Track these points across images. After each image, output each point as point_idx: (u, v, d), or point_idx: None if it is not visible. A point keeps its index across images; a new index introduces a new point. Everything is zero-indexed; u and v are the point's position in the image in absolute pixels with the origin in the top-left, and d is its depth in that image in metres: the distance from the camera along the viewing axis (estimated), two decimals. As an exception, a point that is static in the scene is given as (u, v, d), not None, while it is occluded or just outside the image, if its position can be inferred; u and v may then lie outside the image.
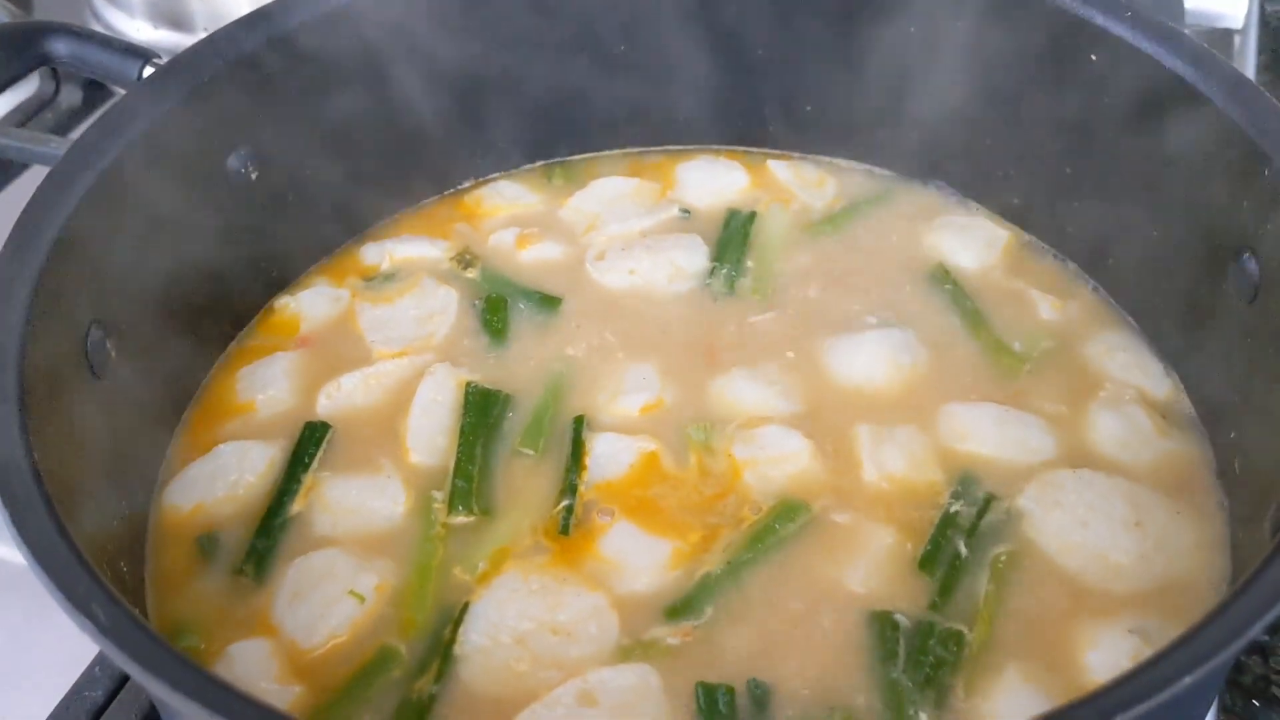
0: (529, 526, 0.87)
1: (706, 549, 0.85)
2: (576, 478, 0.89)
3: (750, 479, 0.89)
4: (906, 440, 0.90)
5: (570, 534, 0.86)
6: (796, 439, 0.90)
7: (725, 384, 0.96)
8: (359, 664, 0.80)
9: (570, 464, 0.90)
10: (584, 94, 1.14)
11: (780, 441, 0.91)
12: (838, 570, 0.83)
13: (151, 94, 0.91)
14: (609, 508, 0.87)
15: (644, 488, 0.89)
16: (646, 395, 0.95)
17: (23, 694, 0.96)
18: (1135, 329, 1.00)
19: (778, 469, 0.89)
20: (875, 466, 0.89)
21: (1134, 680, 0.56)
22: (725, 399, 0.95)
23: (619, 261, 1.06)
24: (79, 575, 0.60)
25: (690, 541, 0.85)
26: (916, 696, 0.76)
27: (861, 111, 1.12)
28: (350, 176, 1.08)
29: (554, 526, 0.86)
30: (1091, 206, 1.02)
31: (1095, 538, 0.84)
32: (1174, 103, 0.90)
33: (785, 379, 0.96)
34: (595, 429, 0.93)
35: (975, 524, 0.85)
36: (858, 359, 0.97)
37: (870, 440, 0.90)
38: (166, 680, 0.54)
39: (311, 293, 1.06)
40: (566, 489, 0.88)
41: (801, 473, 0.89)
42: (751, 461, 0.89)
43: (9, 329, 0.72)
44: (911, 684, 0.77)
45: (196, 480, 0.91)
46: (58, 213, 0.81)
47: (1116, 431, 0.91)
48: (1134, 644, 0.77)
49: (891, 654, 0.78)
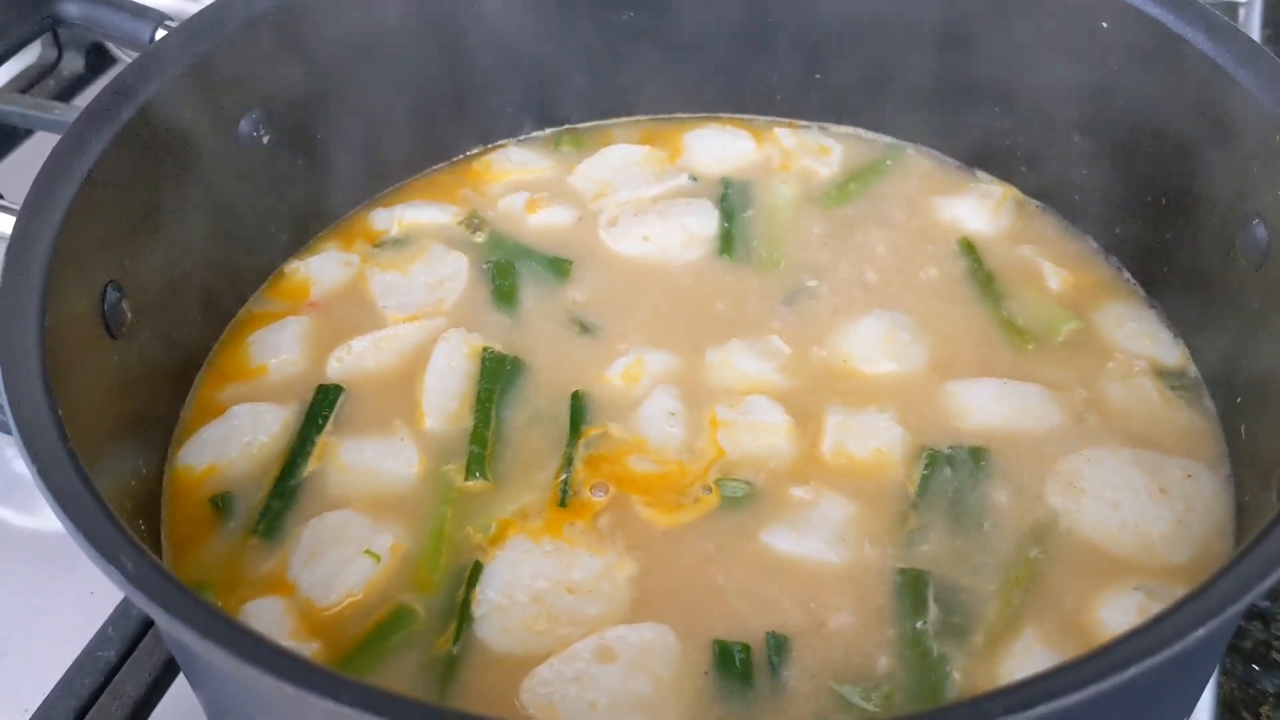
0: (532, 496, 0.87)
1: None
2: (574, 451, 0.89)
3: (723, 439, 0.89)
4: (876, 424, 0.90)
5: (567, 506, 0.86)
6: (779, 413, 0.91)
7: (724, 354, 0.96)
8: (375, 622, 0.80)
9: (569, 437, 0.90)
10: (592, 61, 1.14)
11: (763, 412, 0.91)
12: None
13: (164, 56, 0.91)
14: (602, 483, 0.88)
15: (636, 458, 0.89)
16: (651, 363, 0.96)
17: (35, 656, 0.98)
18: (1143, 297, 1.01)
19: (752, 437, 0.89)
20: (833, 446, 0.89)
21: (1145, 634, 0.57)
22: (724, 369, 0.95)
23: (632, 228, 1.06)
24: (105, 526, 0.60)
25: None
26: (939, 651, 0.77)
27: (868, 79, 1.12)
28: (359, 142, 1.08)
29: (555, 498, 0.87)
30: (1100, 174, 1.02)
31: (1131, 515, 0.84)
32: (1184, 69, 0.90)
33: (783, 354, 0.96)
34: (596, 398, 0.93)
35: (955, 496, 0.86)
36: (858, 339, 0.96)
37: (837, 422, 0.90)
38: (195, 627, 0.54)
39: (321, 258, 1.06)
40: (564, 463, 0.89)
41: (773, 445, 0.89)
42: (731, 424, 0.90)
43: (30, 287, 0.73)
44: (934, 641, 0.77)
45: (210, 441, 0.91)
46: (73, 174, 0.81)
47: (1126, 401, 0.91)
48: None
49: (918, 609, 0.79)
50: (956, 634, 0.78)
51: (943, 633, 0.78)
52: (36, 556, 1.06)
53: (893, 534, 0.84)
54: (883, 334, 0.96)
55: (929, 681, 0.76)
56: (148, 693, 0.90)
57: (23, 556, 1.06)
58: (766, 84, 1.17)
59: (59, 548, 1.02)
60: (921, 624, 0.78)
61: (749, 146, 1.16)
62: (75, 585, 1.03)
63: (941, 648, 0.78)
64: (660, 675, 0.76)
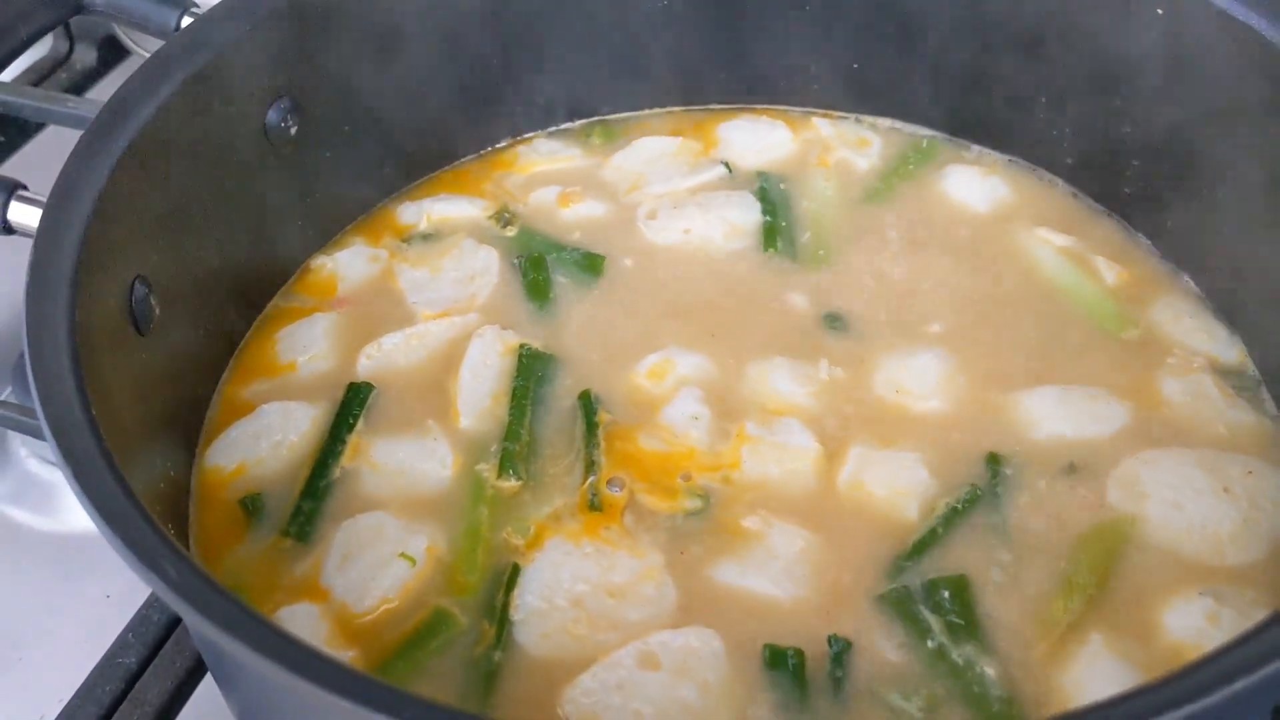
0: (565, 499, 0.85)
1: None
2: (594, 453, 0.87)
3: (746, 453, 0.87)
4: (900, 463, 0.86)
5: (600, 509, 0.84)
6: (809, 438, 0.87)
7: (766, 369, 0.93)
8: (413, 627, 0.78)
9: (586, 439, 0.88)
10: (624, 52, 1.13)
11: (794, 435, 0.88)
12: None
13: (191, 43, 0.89)
14: (617, 477, 0.86)
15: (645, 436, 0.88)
16: (681, 364, 0.93)
17: (52, 660, 0.97)
18: (1197, 293, 0.99)
19: (777, 458, 0.86)
20: (850, 484, 0.85)
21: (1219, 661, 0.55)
22: (761, 383, 0.92)
23: (672, 220, 1.05)
24: (144, 531, 0.58)
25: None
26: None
27: (908, 71, 1.10)
28: (387, 134, 1.07)
29: (585, 500, 0.85)
30: (1151, 168, 1.00)
31: (1197, 515, 0.82)
32: (1236, 57, 0.89)
33: (827, 379, 0.92)
34: (620, 395, 0.91)
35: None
36: (910, 371, 0.93)
37: (858, 461, 0.86)
38: (241, 637, 0.52)
39: (349, 252, 1.05)
40: (586, 466, 0.87)
41: (797, 470, 0.86)
42: (757, 440, 0.87)
43: (59, 282, 0.71)
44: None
45: (240, 440, 0.90)
46: (100, 166, 0.79)
47: (1188, 401, 0.89)
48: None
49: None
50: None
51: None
52: (51, 559, 1.06)
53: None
54: (939, 369, 0.93)
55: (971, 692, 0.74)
56: (170, 700, 0.89)
57: (37, 559, 1.06)
58: (801, 74, 1.15)
59: (74, 550, 1.06)
60: (933, 642, 0.76)
61: (785, 137, 1.14)
62: (91, 588, 1.02)
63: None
64: (707, 681, 0.74)
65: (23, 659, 0.98)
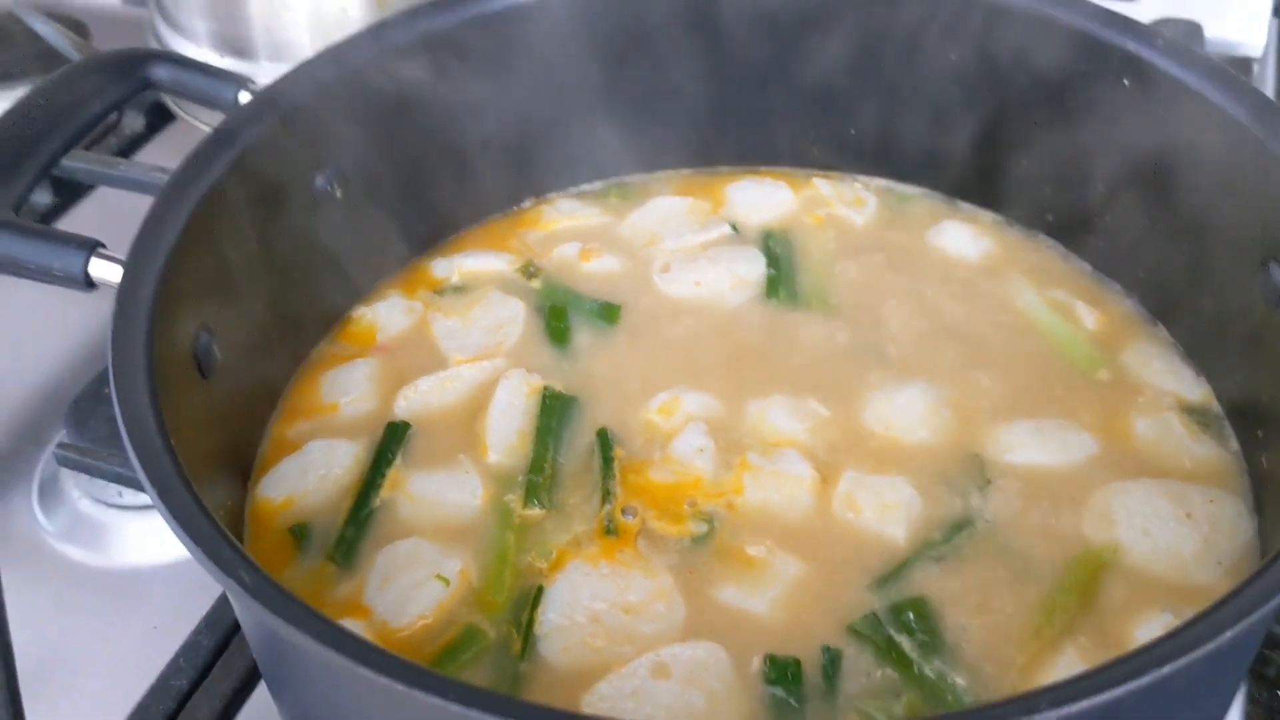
0: (584, 526, 0.92)
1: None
2: (610, 484, 0.94)
3: (748, 480, 0.93)
4: (886, 487, 0.92)
5: (616, 535, 0.91)
6: (806, 467, 0.94)
7: (764, 406, 0.99)
8: (447, 642, 0.84)
9: (605, 470, 0.95)
10: (641, 123, 1.21)
11: (792, 464, 0.94)
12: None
13: (250, 117, 0.97)
14: (631, 505, 0.92)
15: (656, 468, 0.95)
16: (689, 402, 1.00)
17: (102, 691, 1.01)
18: (1165, 337, 1.06)
19: (776, 486, 0.93)
20: (843, 504, 0.92)
21: (1174, 639, 0.61)
22: (760, 420, 0.99)
23: (684, 274, 1.12)
24: (221, 545, 0.66)
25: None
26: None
27: (902, 134, 1.18)
28: (423, 196, 1.14)
29: (601, 526, 0.91)
30: (1126, 220, 1.07)
31: (1162, 539, 0.88)
32: (1202, 123, 0.96)
33: (821, 416, 0.99)
34: (633, 431, 0.98)
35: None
36: (897, 407, 0.99)
37: (850, 484, 0.93)
38: (309, 631, 0.60)
39: (386, 304, 1.12)
40: (603, 495, 0.93)
41: (794, 497, 0.92)
42: (758, 469, 0.94)
43: (138, 331, 0.78)
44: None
45: (288, 475, 0.96)
46: (171, 226, 0.86)
47: (1156, 437, 0.95)
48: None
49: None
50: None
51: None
52: (102, 593, 1.10)
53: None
54: (924, 404, 0.99)
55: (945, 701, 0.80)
56: (220, 717, 0.95)
57: (89, 593, 1.10)
58: (803, 138, 1.23)
59: (124, 584, 1.10)
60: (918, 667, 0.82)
61: (788, 197, 1.21)
62: (139, 621, 1.06)
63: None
64: (714, 690, 0.80)
65: (78, 685, 1.01)
